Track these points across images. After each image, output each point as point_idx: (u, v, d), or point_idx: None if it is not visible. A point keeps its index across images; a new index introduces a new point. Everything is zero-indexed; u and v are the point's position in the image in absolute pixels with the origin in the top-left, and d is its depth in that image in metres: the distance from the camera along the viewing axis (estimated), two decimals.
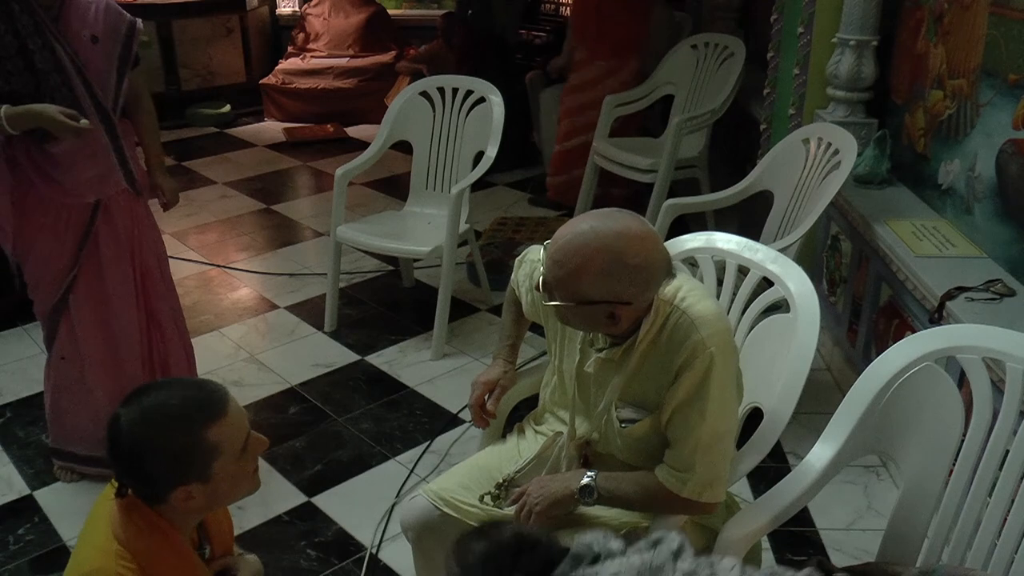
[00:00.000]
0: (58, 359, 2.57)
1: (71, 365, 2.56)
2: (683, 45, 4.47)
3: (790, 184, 2.91)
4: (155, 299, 2.62)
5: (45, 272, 2.45)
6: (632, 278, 1.51)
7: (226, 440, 1.33)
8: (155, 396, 1.34)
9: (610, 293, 1.51)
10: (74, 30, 2.30)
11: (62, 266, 2.44)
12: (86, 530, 1.41)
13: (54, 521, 2.52)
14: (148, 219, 2.60)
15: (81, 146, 2.32)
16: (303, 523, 2.51)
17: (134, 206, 2.53)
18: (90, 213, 2.43)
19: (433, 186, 3.71)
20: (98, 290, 2.49)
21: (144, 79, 2.58)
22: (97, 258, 2.47)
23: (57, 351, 2.56)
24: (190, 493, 1.32)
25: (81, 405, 2.59)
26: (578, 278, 1.50)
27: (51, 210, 2.38)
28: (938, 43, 2.80)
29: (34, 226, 2.39)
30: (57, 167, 2.34)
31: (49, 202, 2.37)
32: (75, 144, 2.29)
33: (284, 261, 4.27)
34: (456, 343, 3.46)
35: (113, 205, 2.46)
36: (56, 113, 2.18)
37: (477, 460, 1.90)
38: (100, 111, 2.35)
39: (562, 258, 1.51)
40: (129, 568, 1.29)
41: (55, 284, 2.46)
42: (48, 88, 2.25)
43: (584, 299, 1.52)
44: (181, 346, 2.72)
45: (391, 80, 6.30)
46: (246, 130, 6.50)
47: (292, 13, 7.39)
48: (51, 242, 2.41)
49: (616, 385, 1.65)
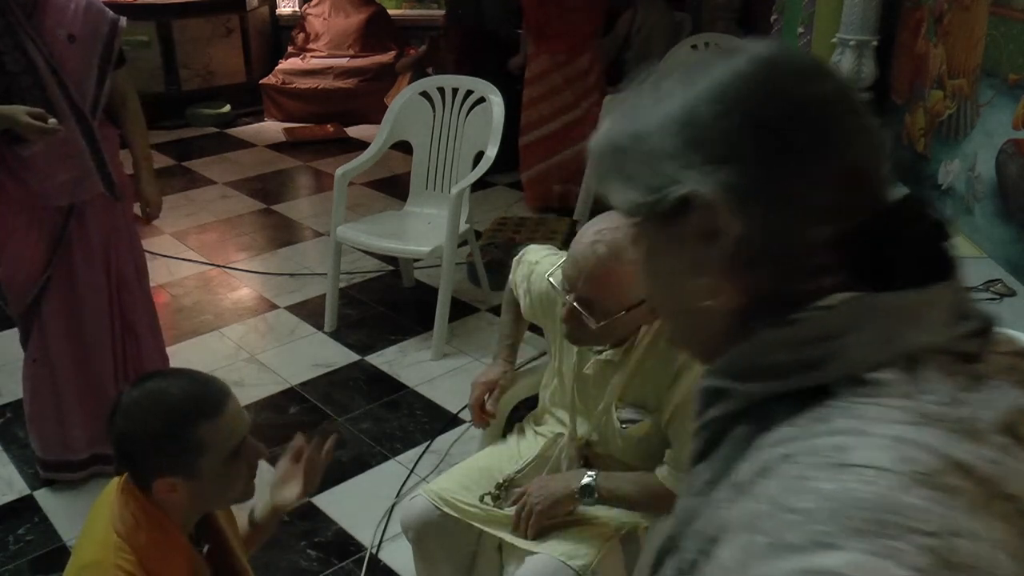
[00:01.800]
0: (30, 361, 2.53)
1: (42, 368, 2.51)
2: (683, 45, 4.48)
3: None
4: (131, 310, 2.56)
5: (17, 274, 2.40)
6: None
7: (216, 440, 1.33)
8: (160, 382, 1.37)
9: None
10: (48, 28, 2.22)
11: (34, 269, 2.38)
12: (88, 524, 1.42)
13: (54, 521, 2.52)
14: (127, 227, 2.53)
15: (55, 148, 2.25)
16: (303, 523, 2.51)
17: (111, 212, 2.45)
18: (64, 217, 2.37)
19: (433, 186, 3.71)
20: (69, 296, 2.44)
21: (131, 80, 2.50)
22: (70, 263, 2.41)
23: (30, 353, 2.52)
24: (173, 486, 1.33)
25: (51, 408, 2.55)
26: (625, 285, 1.49)
27: (23, 212, 2.33)
28: (938, 43, 2.80)
29: (6, 228, 2.33)
30: (29, 170, 2.28)
31: (21, 204, 2.32)
32: (48, 147, 2.23)
33: (284, 261, 4.27)
34: (456, 343, 3.46)
35: (88, 210, 2.40)
36: (21, 114, 2.10)
37: (477, 460, 1.91)
38: (76, 113, 2.28)
39: (601, 273, 1.49)
40: (128, 560, 1.29)
41: (27, 287, 2.41)
42: (19, 90, 2.18)
43: (631, 304, 1.51)
44: (158, 355, 2.69)
45: (391, 80, 6.29)
46: (246, 130, 6.50)
47: (292, 13, 7.39)
48: (23, 245, 2.35)
49: (616, 386, 1.65)
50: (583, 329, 1.54)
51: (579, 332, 1.56)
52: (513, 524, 1.69)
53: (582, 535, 1.67)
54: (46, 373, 2.52)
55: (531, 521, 1.66)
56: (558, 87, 4.44)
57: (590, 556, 1.62)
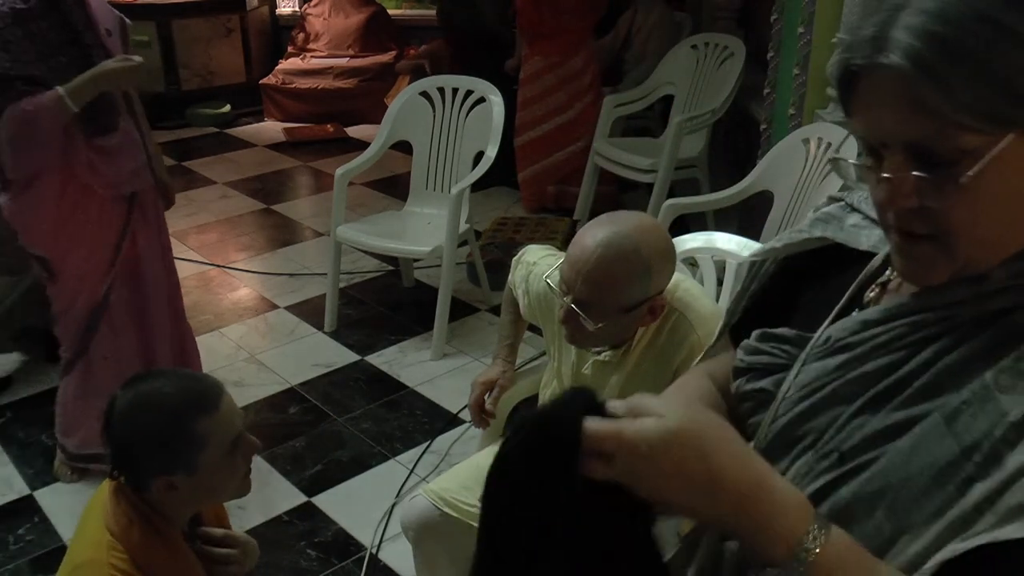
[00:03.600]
0: (100, 359, 2.53)
1: (113, 364, 2.53)
2: (683, 45, 4.47)
3: (790, 184, 2.91)
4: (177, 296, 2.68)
5: (86, 272, 2.43)
6: (667, 264, 1.53)
7: (214, 434, 1.34)
8: (152, 383, 1.37)
9: (654, 287, 1.52)
10: (96, 22, 2.32)
11: (103, 264, 2.44)
12: (81, 524, 1.42)
13: (54, 521, 2.52)
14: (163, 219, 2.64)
15: (126, 137, 2.36)
16: (303, 523, 2.51)
17: (158, 203, 2.56)
18: (128, 208, 2.44)
19: (433, 186, 3.71)
20: (135, 287, 2.51)
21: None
22: (135, 254, 2.49)
23: (98, 351, 2.51)
24: (173, 483, 1.33)
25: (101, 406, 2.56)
26: (623, 287, 1.49)
27: (92, 207, 2.38)
28: None
29: (76, 224, 2.38)
30: (108, 159, 2.35)
31: (90, 200, 2.37)
32: (123, 136, 2.34)
33: (284, 261, 4.27)
34: (456, 343, 3.46)
35: (146, 200, 2.50)
36: (112, 64, 2.20)
37: (477, 460, 1.91)
38: (128, 104, 2.39)
39: (600, 276, 1.48)
40: (121, 559, 1.29)
41: (96, 283, 2.45)
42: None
43: (629, 305, 1.51)
44: (194, 351, 2.79)
45: (391, 80, 6.29)
46: (246, 130, 6.50)
47: (292, 13, 7.39)
48: (92, 241, 2.41)
49: (614, 387, 1.65)
50: (581, 331, 1.54)
51: (577, 333, 1.56)
52: None
53: None
54: (112, 370, 2.51)
55: None
56: (552, 88, 4.44)
57: None
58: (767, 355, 0.89)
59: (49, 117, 2.18)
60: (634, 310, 1.52)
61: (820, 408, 0.80)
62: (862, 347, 0.79)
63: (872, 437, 0.75)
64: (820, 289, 0.93)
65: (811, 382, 0.82)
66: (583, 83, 4.48)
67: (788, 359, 0.87)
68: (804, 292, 0.96)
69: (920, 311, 0.77)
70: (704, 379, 1.02)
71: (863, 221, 0.91)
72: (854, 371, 0.79)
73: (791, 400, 0.83)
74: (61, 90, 2.17)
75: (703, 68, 4.35)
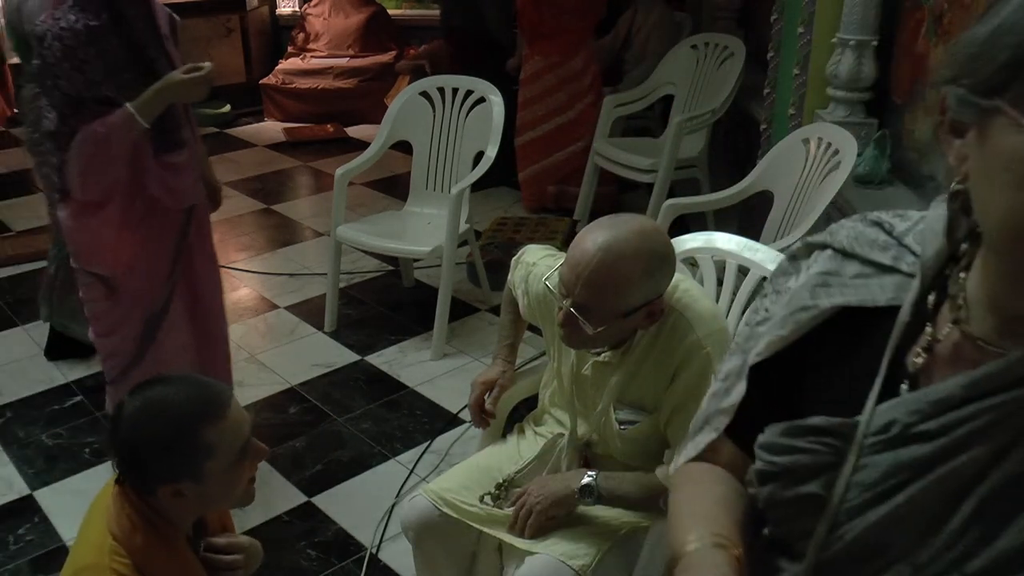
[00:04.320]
0: (158, 364, 2.44)
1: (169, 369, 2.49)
2: (683, 45, 4.47)
3: (790, 184, 2.91)
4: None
5: (146, 285, 2.38)
6: (667, 267, 1.52)
7: (222, 442, 1.33)
8: (160, 389, 1.35)
9: (653, 291, 1.51)
10: (160, 30, 2.26)
11: (162, 275, 2.39)
12: (84, 527, 1.41)
13: (54, 521, 2.52)
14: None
15: (190, 152, 2.34)
16: (303, 523, 2.51)
17: (207, 214, 2.54)
18: (186, 220, 2.40)
19: (433, 186, 3.71)
20: (192, 293, 2.50)
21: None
22: (191, 266, 2.47)
23: (154, 358, 2.44)
24: (180, 490, 1.32)
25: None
26: (623, 291, 1.49)
27: (154, 221, 2.33)
28: (938, 43, 2.80)
29: (137, 241, 2.31)
30: (176, 175, 2.30)
31: (153, 214, 2.31)
32: (188, 152, 2.32)
33: (284, 261, 4.27)
34: (456, 343, 3.46)
35: (202, 212, 2.48)
36: (179, 76, 2.14)
37: (477, 460, 1.91)
38: (187, 114, 2.36)
39: (601, 280, 1.48)
40: (123, 564, 1.29)
41: (156, 294, 2.39)
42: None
43: (628, 309, 1.51)
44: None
45: (391, 80, 6.30)
46: (246, 130, 6.50)
47: (292, 13, 7.39)
48: (153, 254, 2.36)
49: (613, 387, 1.65)
50: (579, 333, 1.54)
51: (574, 336, 1.56)
52: (511, 523, 1.69)
53: (582, 535, 1.67)
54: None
55: (530, 521, 1.66)
56: (552, 88, 4.44)
57: (590, 556, 1.62)
58: (806, 453, 0.75)
59: (120, 136, 2.11)
60: (633, 314, 1.52)
61: (905, 515, 0.68)
62: (949, 435, 0.66)
63: (1011, 557, 0.63)
64: (836, 362, 0.79)
65: (881, 480, 0.70)
66: (583, 83, 4.48)
67: (835, 454, 0.73)
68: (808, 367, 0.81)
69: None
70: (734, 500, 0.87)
71: (865, 267, 0.79)
72: (944, 466, 0.66)
73: (856, 505, 0.71)
74: (131, 107, 2.09)
75: (703, 68, 4.35)
